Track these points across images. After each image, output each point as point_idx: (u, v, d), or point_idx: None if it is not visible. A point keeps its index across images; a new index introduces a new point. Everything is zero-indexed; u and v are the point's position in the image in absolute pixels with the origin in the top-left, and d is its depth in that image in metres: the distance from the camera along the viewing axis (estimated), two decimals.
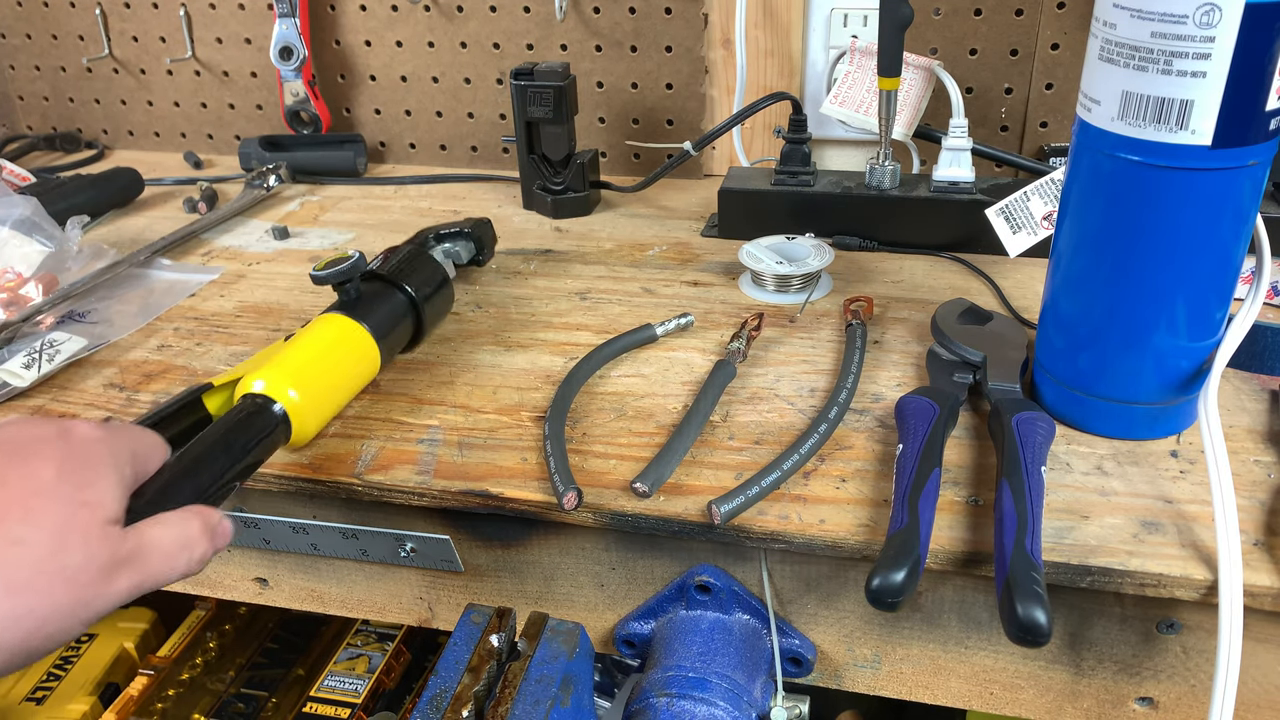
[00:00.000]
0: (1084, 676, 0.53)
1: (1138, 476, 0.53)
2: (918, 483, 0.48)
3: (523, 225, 0.93)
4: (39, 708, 0.91)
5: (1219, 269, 0.51)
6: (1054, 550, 0.48)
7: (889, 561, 0.44)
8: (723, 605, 0.55)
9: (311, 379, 0.56)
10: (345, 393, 0.60)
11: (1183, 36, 0.45)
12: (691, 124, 1.01)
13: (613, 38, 0.99)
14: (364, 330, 0.61)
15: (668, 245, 0.86)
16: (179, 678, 0.91)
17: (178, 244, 0.90)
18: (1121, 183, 0.50)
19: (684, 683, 0.51)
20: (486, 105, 1.07)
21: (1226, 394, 0.60)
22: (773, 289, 0.75)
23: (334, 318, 0.60)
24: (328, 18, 1.07)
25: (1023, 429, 0.52)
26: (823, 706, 0.93)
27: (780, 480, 0.52)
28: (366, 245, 0.89)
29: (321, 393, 0.56)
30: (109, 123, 1.20)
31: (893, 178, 0.82)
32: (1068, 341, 0.56)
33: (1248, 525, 0.49)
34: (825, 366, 0.65)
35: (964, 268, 0.79)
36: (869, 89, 0.85)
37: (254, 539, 0.62)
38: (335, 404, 0.59)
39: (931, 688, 0.56)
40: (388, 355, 0.63)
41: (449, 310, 0.72)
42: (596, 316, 0.73)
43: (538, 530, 0.57)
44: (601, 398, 0.62)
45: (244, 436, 0.51)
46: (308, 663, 0.96)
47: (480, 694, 0.43)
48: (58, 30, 1.15)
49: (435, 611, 0.63)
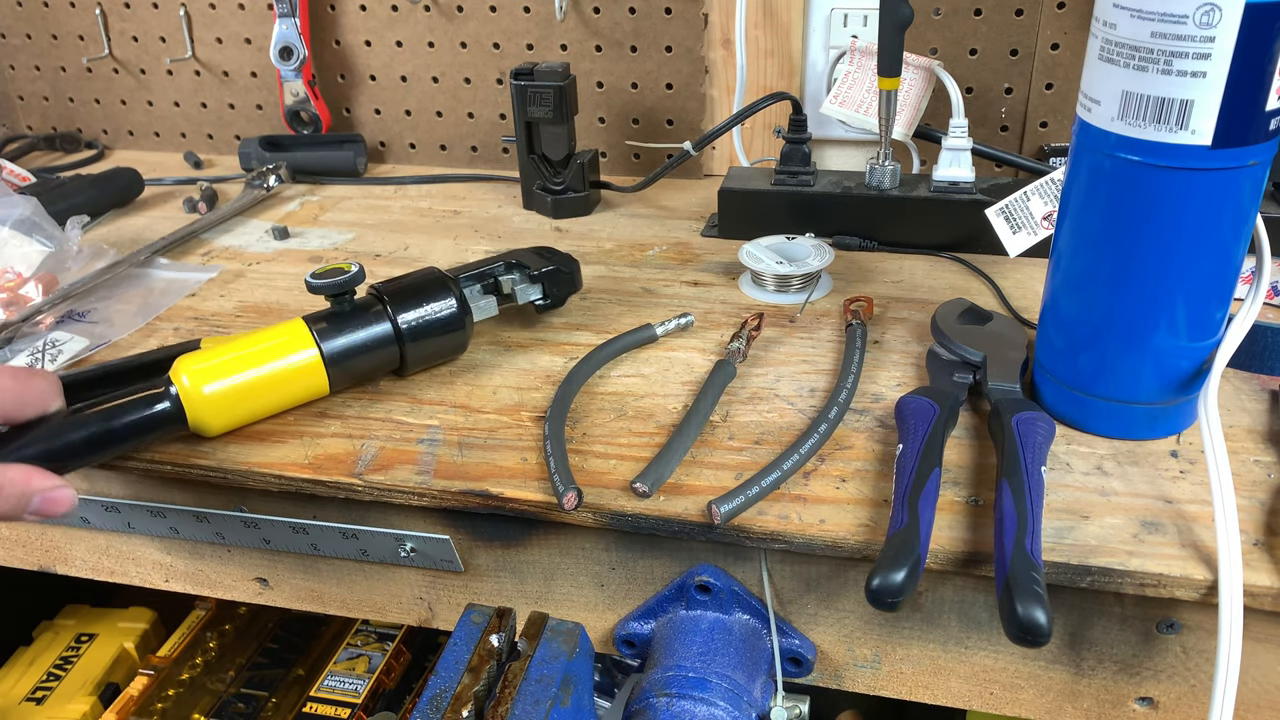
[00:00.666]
0: (1084, 676, 0.53)
1: (1138, 476, 0.53)
2: (918, 483, 0.48)
3: (523, 225, 0.93)
4: (39, 708, 0.91)
5: (1219, 269, 0.51)
6: (1054, 550, 0.48)
7: (889, 561, 0.44)
8: (723, 605, 0.55)
9: (229, 377, 0.56)
10: (268, 402, 0.60)
11: (1183, 36, 0.45)
12: (691, 124, 1.01)
13: (613, 38, 0.99)
14: (315, 348, 0.59)
15: (668, 245, 0.86)
16: (179, 678, 0.91)
17: (178, 244, 0.90)
18: (1121, 183, 0.50)
19: (684, 683, 0.51)
20: (486, 105, 1.07)
21: (1226, 394, 0.60)
22: (773, 289, 0.75)
23: (293, 326, 0.60)
24: (328, 18, 1.07)
25: (1023, 429, 0.52)
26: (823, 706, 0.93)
27: (780, 480, 0.52)
28: (366, 245, 0.89)
29: (237, 395, 0.57)
30: (109, 123, 1.20)
31: (893, 178, 0.82)
32: (1068, 341, 0.56)
33: (1248, 525, 0.49)
34: (825, 366, 0.65)
35: (964, 268, 0.79)
36: (869, 89, 0.85)
37: (254, 539, 0.62)
38: (252, 409, 0.59)
39: (931, 688, 0.56)
40: (343, 379, 0.62)
41: (457, 352, 0.66)
42: (596, 316, 0.73)
43: (538, 530, 0.57)
44: (601, 398, 0.62)
45: (128, 414, 0.52)
46: (308, 663, 0.96)
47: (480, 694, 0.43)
48: (58, 30, 1.15)
49: (435, 611, 0.63)
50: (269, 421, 0.61)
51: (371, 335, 0.61)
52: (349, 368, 0.61)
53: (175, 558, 0.67)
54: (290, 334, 0.59)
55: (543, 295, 0.70)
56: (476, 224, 0.93)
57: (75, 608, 1.04)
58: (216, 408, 0.57)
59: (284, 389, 0.60)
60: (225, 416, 0.58)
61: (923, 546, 0.45)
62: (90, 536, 0.68)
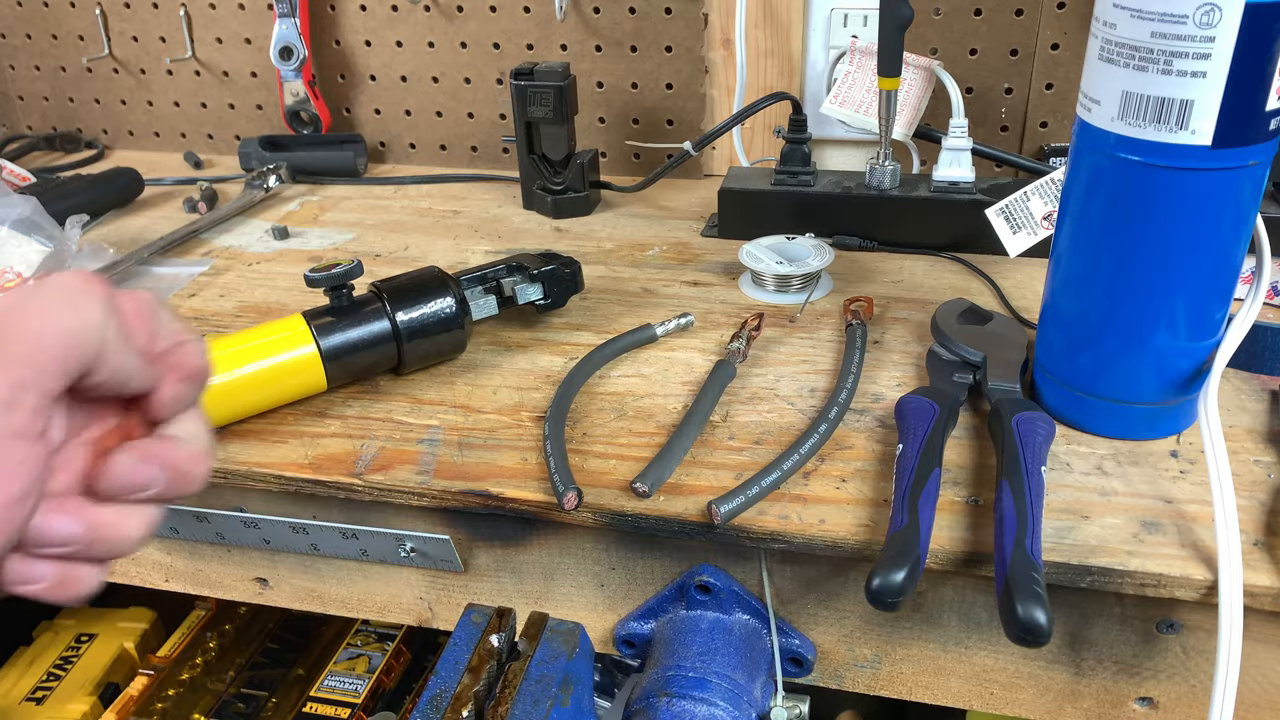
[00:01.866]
0: (1084, 676, 0.53)
1: (1138, 476, 0.53)
2: (918, 483, 0.48)
3: (523, 225, 0.93)
4: (39, 708, 0.91)
5: (1219, 269, 0.51)
6: (1054, 550, 0.48)
7: (889, 561, 0.44)
8: (723, 605, 0.55)
9: (227, 371, 0.57)
10: (266, 396, 0.60)
11: (1183, 36, 0.45)
12: (691, 124, 1.01)
13: (613, 38, 0.99)
14: (314, 344, 0.60)
15: (668, 245, 0.86)
16: (179, 678, 0.91)
17: (177, 244, 0.90)
18: (1121, 183, 0.50)
19: (684, 683, 0.51)
20: (486, 105, 1.07)
21: (1226, 394, 0.60)
22: (773, 289, 0.75)
23: (291, 322, 0.60)
24: (328, 18, 1.06)
25: (1023, 429, 0.52)
26: (823, 706, 0.93)
27: (780, 480, 0.52)
28: (366, 245, 0.89)
29: (235, 389, 0.57)
30: (109, 123, 1.20)
31: (893, 178, 0.82)
32: (1068, 341, 0.56)
33: (1248, 525, 0.49)
34: (825, 366, 0.65)
35: (964, 268, 0.79)
36: (869, 89, 0.85)
37: (254, 539, 0.62)
38: (249, 404, 0.59)
39: (931, 688, 0.56)
40: (341, 375, 0.62)
41: (456, 351, 0.66)
42: (596, 316, 0.73)
43: (538, 530, 0.57)
44: (601, 398, 0.62)
45: None
46: (308, 663, 0.96)
47: (480, 694, 0.43)
48: (58, 30, 1.15)
49: (435, 611, 0.63)
50: (269, 421, 0.61)
51: (370, 332, 0.61)
52: (347, 364, 0.61)
53: (175, 558, 0.67)
54: (289, 329, 0.60)
55: (543, 295, 0.70)
56: (476, 224, 0.93)
57: (75, 608, 1.04)
58: (214, 401, 0.57)
59: (282, 384, 0.60)
60: (223, 410, 0.58)
61: (923, 546, 0.45)
62: None
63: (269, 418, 0.61)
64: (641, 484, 0.52)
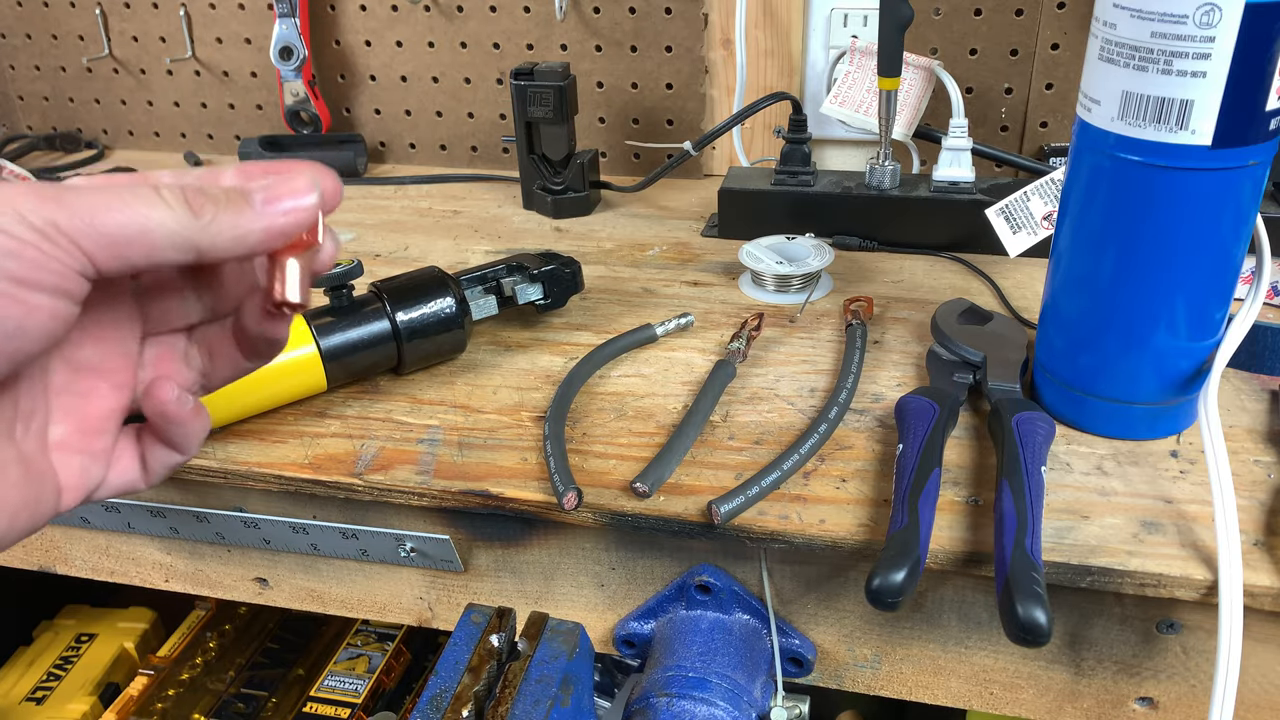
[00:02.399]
0: (1084, 676, 0.53)
1: (1138, 476, 0.53)
2: (918, 483, 0.48)
3: (523, 225, 0.93)
4: (39, 708, 0.91)
5: (1219, 269, 0.51)
6: (1054, 550, 0.48)
7: (889, 561, 0.44)
8: (723, 605, 0.55)
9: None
10: (265, 396, 0.60)
11: (1183, 36, 0.45)
12: (691, 124, 1.01)
13: (613, 38, 0.99)
14: (313, 344, 0.60)
15: (668, 245, 0.86)
16: (179, 678, 0.91)
17: None
18: (1121, 183, 0.50)
19: (684, 683, 0.51)
20: (486, 105, 1.07)
21: (1226, 394, 0.60)
22: (773, 289, 0.75)
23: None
24: (328, 18, 1.07)
25: (1023, 429, 0.52)
26: (823, 706, 0.93)
27: (780, 480, 0.52)
28: (366, 245, 0.89)
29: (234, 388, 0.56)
30: (109, 123, 1.20)
31: (893, 178, 0.82)
32: (1068, 341, 0.56)
33: (1248, 525, 0.49)
34: (825, 366, 0.65)
35: (964, 268, 0.79)
36: (869, 89, 0.85)
37: (254, 539, 0.62)
38: (248, 404, 0.59)
39: (931, 688, 0.56)
40: (341, 375, 0.62)
41: (456, 351, 0.66)
42: (596, 316, 0.73)
43: (538, 530, 0.57)
44: (601, 398, 0.62)
45: None
46: (308, 663, 0.96)
47: (480, 694, 0.43)
48: (58, 30, 1.15)
49: (435, 611, 0.63)
50: (269, 421, 0.61)
51: (369, 332, 0.62)
52: (347, 364, 0.61)
53: (175, 558, 0.67)
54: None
55: (543, 295, 0.70)
56: (476, 224, 0.93)
57: (75, 608, 1.04)
58: (213, 401, 0.57)
59: (281, 384, 0.60)
60: (222, 410, 0.58)
61: (923, 546, 0.45)
62: (90, 536, 0.68)
63: (269, 418, 0.61)
64: (641, 484, 0.52)
